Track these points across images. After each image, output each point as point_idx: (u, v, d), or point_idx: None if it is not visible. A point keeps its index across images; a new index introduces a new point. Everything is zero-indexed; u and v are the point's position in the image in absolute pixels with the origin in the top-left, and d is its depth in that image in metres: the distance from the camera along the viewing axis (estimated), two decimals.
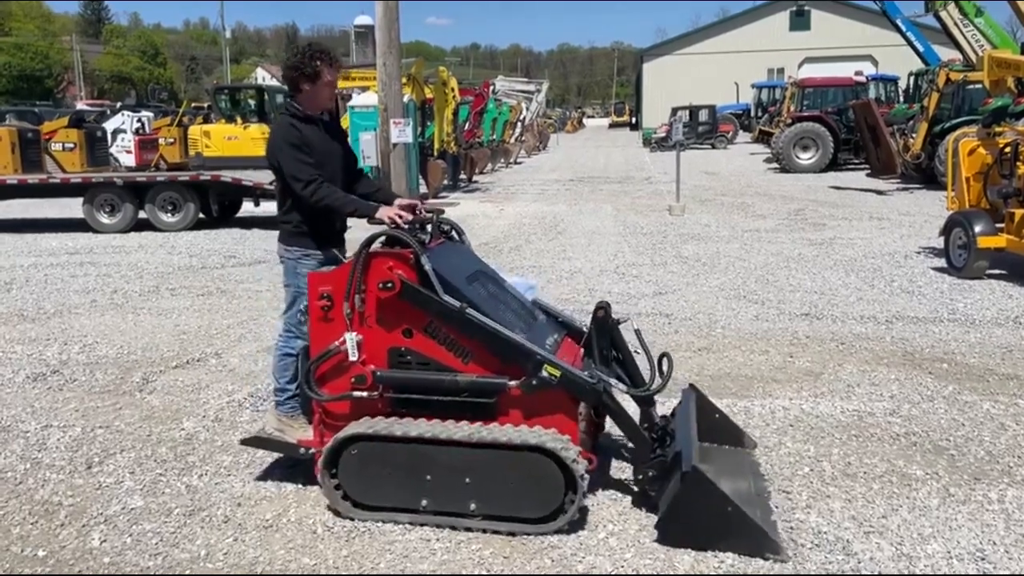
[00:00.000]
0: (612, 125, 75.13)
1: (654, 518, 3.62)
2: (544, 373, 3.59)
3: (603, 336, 4.07)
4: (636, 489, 3.83)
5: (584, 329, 4.20)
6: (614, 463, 4.26)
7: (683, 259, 10.23)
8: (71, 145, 15.64)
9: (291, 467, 4.22)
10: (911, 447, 4.45)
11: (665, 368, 3.97)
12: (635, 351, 4.12)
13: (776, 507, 3.76)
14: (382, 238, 3.81)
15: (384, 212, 3.93)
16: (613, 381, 3.90)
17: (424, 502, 3.62)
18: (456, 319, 3.64)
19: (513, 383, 3.61)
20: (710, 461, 3.69)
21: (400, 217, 3.88)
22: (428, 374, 3.72)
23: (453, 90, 19.39)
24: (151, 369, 6.08)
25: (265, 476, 4.21)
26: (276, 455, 4.27)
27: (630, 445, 3.94)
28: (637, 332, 4.01)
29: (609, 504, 3.83)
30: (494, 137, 25.60)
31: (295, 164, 3.94)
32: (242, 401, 5.34)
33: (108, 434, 4.83)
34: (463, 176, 21.52)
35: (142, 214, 13.54)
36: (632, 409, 3.98)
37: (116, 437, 4.78)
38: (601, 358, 4.04)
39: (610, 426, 4.59)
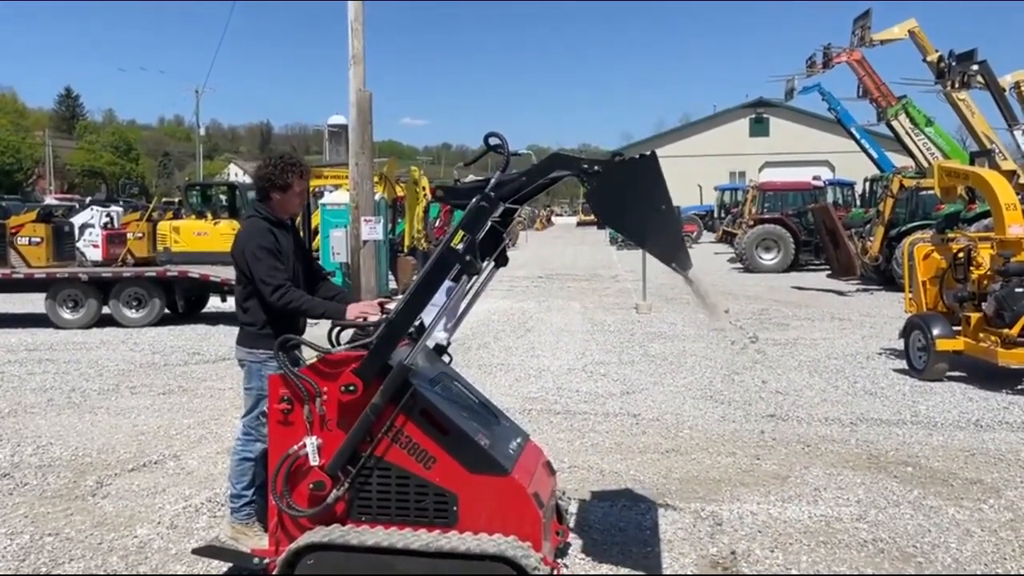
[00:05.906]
0: (580, 223, 76.16)
1: None
2: None
3: None
4: None
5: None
6: (577, 567, 4.16)
7: (650, 357, 10.28)
8: (38, 240, 15.56)
9: None
10: (879, 554, 4.42)
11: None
12: None
13: None
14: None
15: (352, 311, 3.94)
16: None
17: None
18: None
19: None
20: None
21: (366, 316, 3.90)
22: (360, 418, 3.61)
23: (424, 188, 19.73)
24: (106, 472, 5.90)
25: None
26: (230, 565, 4.13)
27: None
28: None
29: None
30: None
31: (267, 269, 3.96)
32: (199, 506, 5.18)
33: (57, 542, 4.64)
34: None
35: (106, 309, 13.37)
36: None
37: (66, 545, 4.60)
38: None
39: (573, 533, 4.52)
